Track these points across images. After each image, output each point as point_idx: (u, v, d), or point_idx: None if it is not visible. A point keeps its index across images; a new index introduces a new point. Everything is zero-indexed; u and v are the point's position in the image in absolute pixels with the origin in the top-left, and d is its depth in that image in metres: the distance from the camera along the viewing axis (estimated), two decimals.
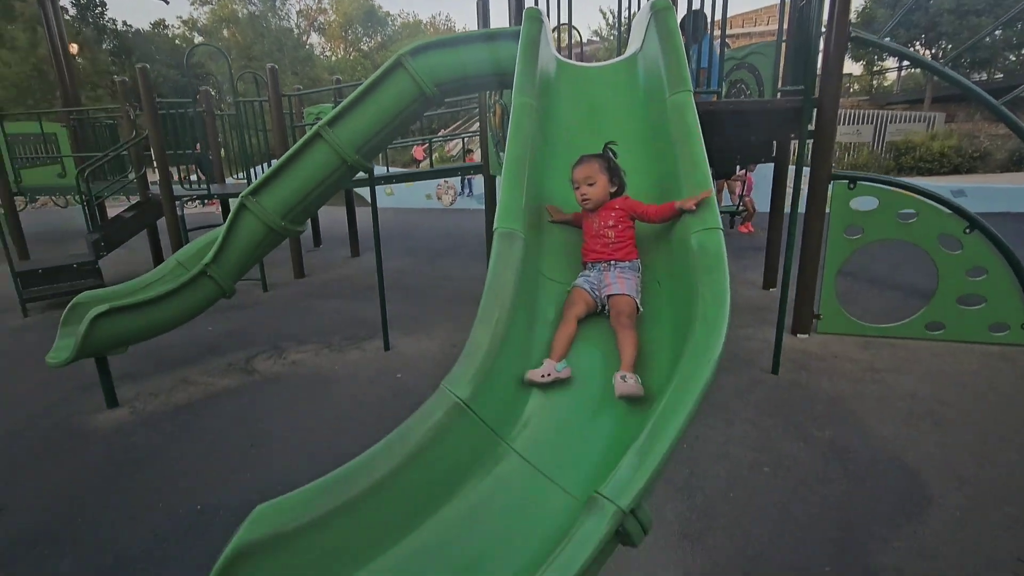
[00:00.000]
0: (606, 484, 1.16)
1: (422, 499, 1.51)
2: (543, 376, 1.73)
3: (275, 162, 3.67)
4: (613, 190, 2.04)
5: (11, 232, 7.10)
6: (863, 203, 4.04)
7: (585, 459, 1.64)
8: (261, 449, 3.04)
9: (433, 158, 12.27)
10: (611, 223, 1.97)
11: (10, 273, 5.69)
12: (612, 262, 1.94)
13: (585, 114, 2.67)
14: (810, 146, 3.91)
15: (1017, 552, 2.08)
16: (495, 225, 1.84)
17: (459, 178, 14.24)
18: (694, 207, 1.80)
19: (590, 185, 2.00)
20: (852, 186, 3.98)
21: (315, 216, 8.93)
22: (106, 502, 2.61)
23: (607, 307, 1.89)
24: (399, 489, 1.47)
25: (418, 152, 17.02)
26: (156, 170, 6.22)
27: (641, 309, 1.86)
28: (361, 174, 4.02)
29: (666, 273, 1.87)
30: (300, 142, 3.57)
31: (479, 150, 13.87)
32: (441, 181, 14.80)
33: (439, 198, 15.41)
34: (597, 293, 1.91)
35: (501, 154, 5.48)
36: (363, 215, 8.92)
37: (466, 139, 13.79)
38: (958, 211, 3.82)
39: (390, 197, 15.67)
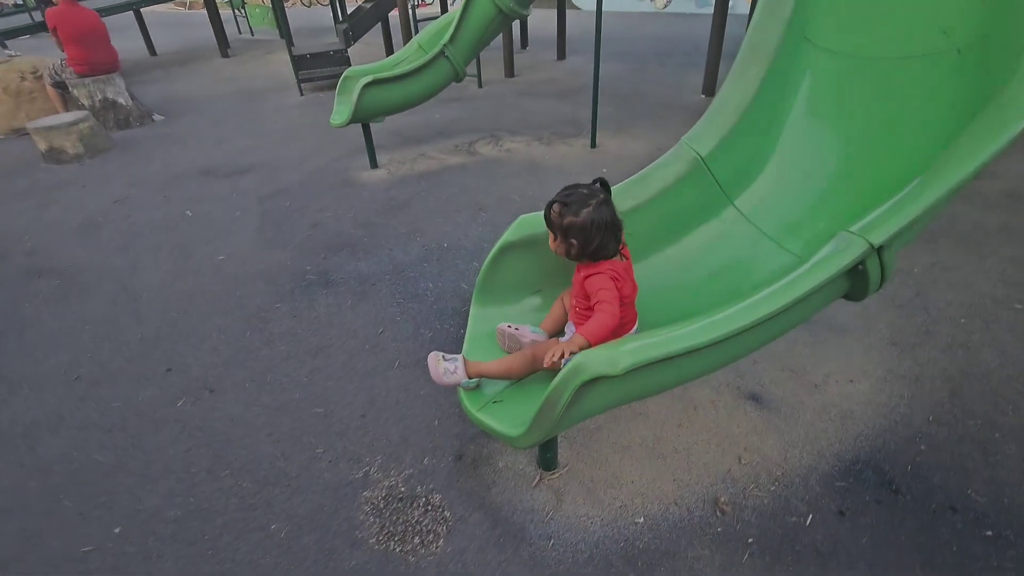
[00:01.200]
0: (855, 223, 1.19)
1: (654, 235, 1.72)
2: (447, 371, 1.53)
3: None
4: (571, 252, 1.50)
5: (282, 25, 8.29)
6: None
7: (810, 229, 1.65)
8: (486, 213, 3.57)
9: None
10: (577, 288, 1.56)
11: (289, 57, 6.82)
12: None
13: None
14: None
15: None
16: None
17: None
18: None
19: (552, 237, 1.55)
20: None
21: (524, 19, 8.70)
22: (382, 231, 3.41)
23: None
24: (636, 223, 1.68)
25: None
26: None
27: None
28: None
29: (976, 35, 1.52)
30: None
31: None
32: None
33: (652, 0, 13.55)
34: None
35: None
36: (570, 17, 8.39)
37: None
38: None
39: None
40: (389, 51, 7.83)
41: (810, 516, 1.59)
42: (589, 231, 1.44)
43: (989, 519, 1.54)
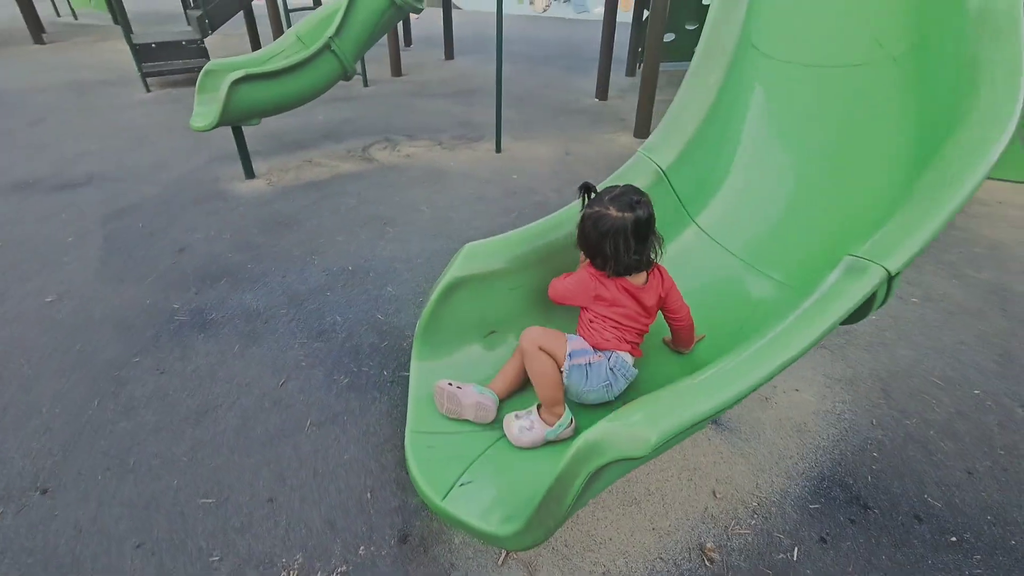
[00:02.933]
0: (864, 247, 1.08)
1: None
2: (522, 429, 1.35)
3: None
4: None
5: (116, 8, 7.02)
6: None
7: (782, 250, 1.56)
8: (393, 227, 3.19)
9: None
10: None
11: (129, 47, 5.75)
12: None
13: None
14: None
15: None
16: None
17: None
18: None
19: None
20: None
21: (406, 15, 8.30)
22: (269, 254, 2.89)
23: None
24: None
25: None
26: None
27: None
28: None
29: (908, 44, 1.53)
30: None
31: None
32: None
33: (531, 3, 13.74)
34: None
35: None
36: (456, 17, 8.15)
37: None
38: None
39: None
40: (256, 44, 6.97)
41: (795, 549, 1.50)
42: (582, 228, 1.35)
43: (950, 524, 1.56)
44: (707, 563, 1.46)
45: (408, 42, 8.69)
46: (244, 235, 3.07)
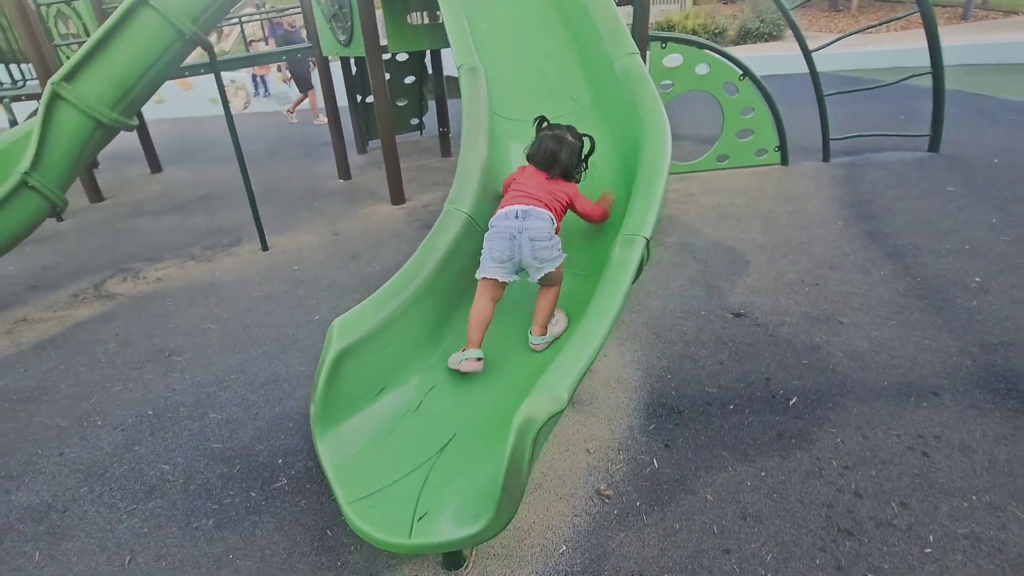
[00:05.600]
0: (627, 228, 1.60)
1: (455, 292, 1.81)
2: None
3: (90, 38, 3.00)
4: None
5: None
6: (671, 60, 4.88)
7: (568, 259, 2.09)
8: (183, 355, 2.86)
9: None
10: None
11: None
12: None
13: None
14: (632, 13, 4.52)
15: (802, 275, 3.19)
16: (457, 62, 2.00)
17: (251, 76, 12.37)
18: None
19: None
20: (664, 46, 4.77)
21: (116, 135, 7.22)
22: (23, 439, 2.30)
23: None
24: (437, 287, 1.74)
25: None
26: None
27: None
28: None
29: (590, 97, 2.24)
30: (121, 9, 2.96)
31: (264, 41, 12.02)
32: (228, 81, 12.67)
33: None
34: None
35: (336, 29, 5.04)
36: (153, 127, 7.47)
37: (245, 21, 11.76)
38: (735, 62, 4.90)
39: (160, 106, 12.96)
40: None
41: (654, 460, 1.97)
42: (544, 138, 1.97)
43: (726, 399, 2.26)
44: (606, 500, 1.82)
45: (95, 163, 7.54)
46: None
